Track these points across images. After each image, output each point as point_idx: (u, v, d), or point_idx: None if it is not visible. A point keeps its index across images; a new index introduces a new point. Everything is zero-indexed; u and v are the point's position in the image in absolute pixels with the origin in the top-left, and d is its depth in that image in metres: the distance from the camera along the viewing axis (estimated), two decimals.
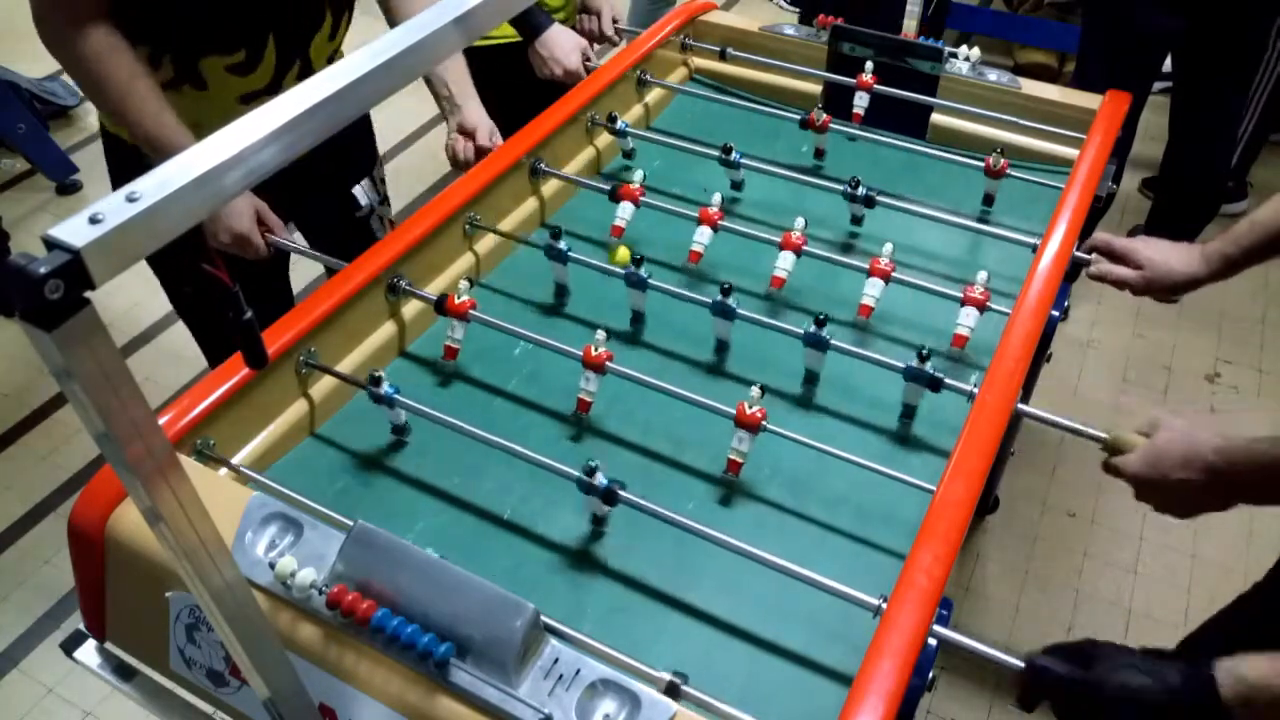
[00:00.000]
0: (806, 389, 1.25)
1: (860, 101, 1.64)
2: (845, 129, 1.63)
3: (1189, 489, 1.02)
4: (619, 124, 1.59)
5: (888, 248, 1.30)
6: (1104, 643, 0.86)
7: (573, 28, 2.02)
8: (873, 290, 1.29)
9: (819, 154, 1.64)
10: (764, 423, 1.08)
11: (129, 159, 1.37)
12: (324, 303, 1.16)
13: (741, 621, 0.99)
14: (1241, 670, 0.79)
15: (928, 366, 1.13)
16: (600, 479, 1.00)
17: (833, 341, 1.19)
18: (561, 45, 1.82)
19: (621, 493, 1.00)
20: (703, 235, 1.38)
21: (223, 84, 1.35)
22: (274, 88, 1.39)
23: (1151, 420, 1.07)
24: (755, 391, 1.09)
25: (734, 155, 1.50)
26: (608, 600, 1.01)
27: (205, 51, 1.31)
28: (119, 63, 1.20)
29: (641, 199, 1.42)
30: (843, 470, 1.08)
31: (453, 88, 1.51)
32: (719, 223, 1.38)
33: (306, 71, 1.41)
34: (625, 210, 1.42)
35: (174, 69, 1.31)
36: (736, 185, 1.57)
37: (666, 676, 0.83)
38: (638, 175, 1.45)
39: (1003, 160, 1.46)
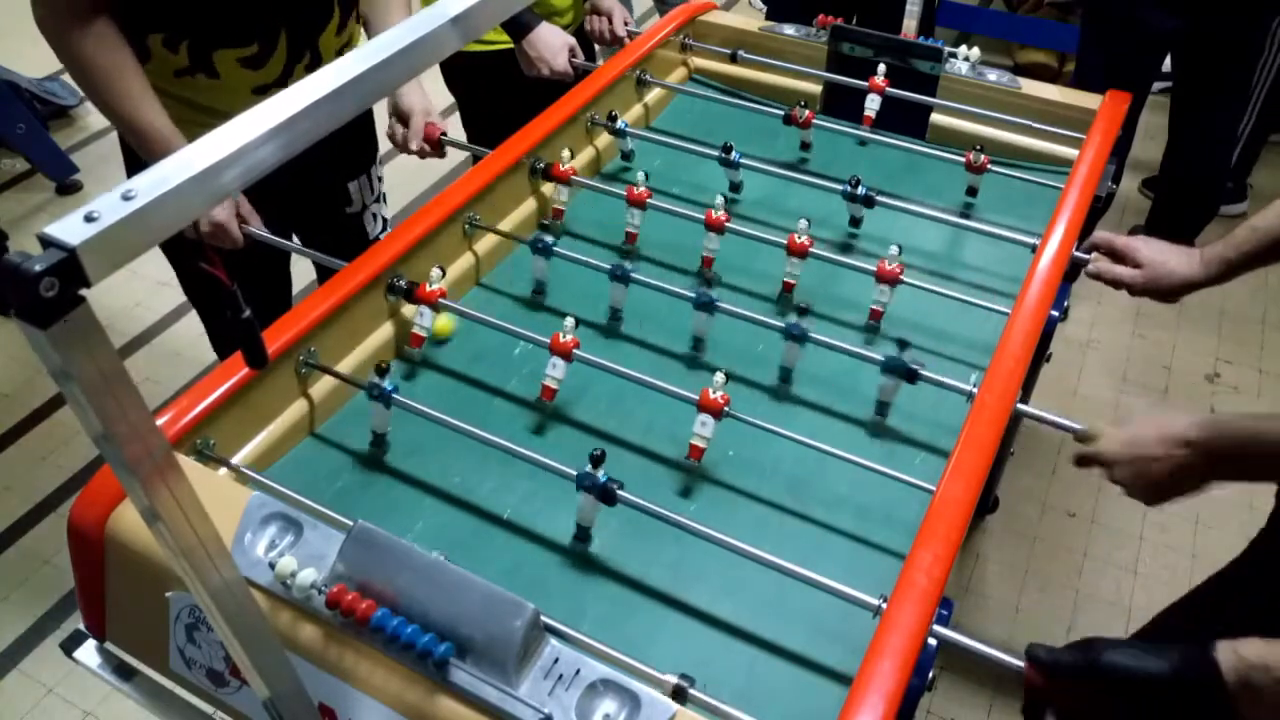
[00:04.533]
0: (807, 390, 1.25)
1: (872, 104, 1.63)
2: (853, 132, 1.63)
3: (1165, 466, 1.03)
4: (619, 124, 1.59)
5: (893, 249, 1.30)
6: (1100, 637, 0.86)
7: (581, 27, 2.01)
8: (881, 296, 1.30)
9: (804, 147, 1.66)
10: (726, 408, 1.08)
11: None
12: (324, 303, 1.16)
13: (741, 621, 0.99)
14: (1241, 650, 0.79)
15: (904, 356, 1.13)
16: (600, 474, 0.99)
17: (833, 341, 1.18)
18: (549, 45, 1.79)
19: (621, 493, 0.99)
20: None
21: (235, 75, 1.37)
22: (284, 82, 1.41)
23: (1124, 415, 1.07)
24: (719, 378, 1.10)
25: (734, 155, 1.50)
26: (608, 600, 1.01)
27: (219, 43, 1.33)
28: (110, 49, 1.22)
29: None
30: (843, 470, 1.08)
31: None
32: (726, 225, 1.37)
33: (316, 66, 1.43)
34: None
35: (189, 57, 1.33)
36: (736, 185, 1.56)
37: (673, 680, 0.83)
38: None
39: (983, 157, 1.48)
